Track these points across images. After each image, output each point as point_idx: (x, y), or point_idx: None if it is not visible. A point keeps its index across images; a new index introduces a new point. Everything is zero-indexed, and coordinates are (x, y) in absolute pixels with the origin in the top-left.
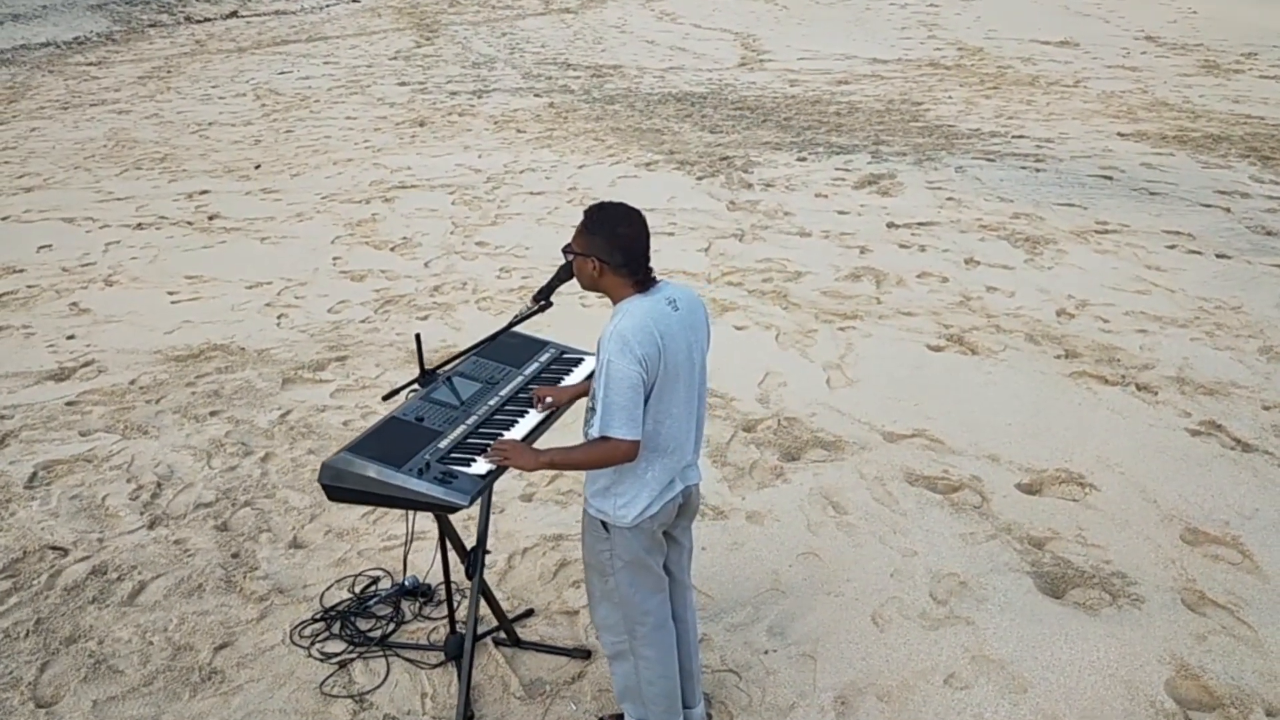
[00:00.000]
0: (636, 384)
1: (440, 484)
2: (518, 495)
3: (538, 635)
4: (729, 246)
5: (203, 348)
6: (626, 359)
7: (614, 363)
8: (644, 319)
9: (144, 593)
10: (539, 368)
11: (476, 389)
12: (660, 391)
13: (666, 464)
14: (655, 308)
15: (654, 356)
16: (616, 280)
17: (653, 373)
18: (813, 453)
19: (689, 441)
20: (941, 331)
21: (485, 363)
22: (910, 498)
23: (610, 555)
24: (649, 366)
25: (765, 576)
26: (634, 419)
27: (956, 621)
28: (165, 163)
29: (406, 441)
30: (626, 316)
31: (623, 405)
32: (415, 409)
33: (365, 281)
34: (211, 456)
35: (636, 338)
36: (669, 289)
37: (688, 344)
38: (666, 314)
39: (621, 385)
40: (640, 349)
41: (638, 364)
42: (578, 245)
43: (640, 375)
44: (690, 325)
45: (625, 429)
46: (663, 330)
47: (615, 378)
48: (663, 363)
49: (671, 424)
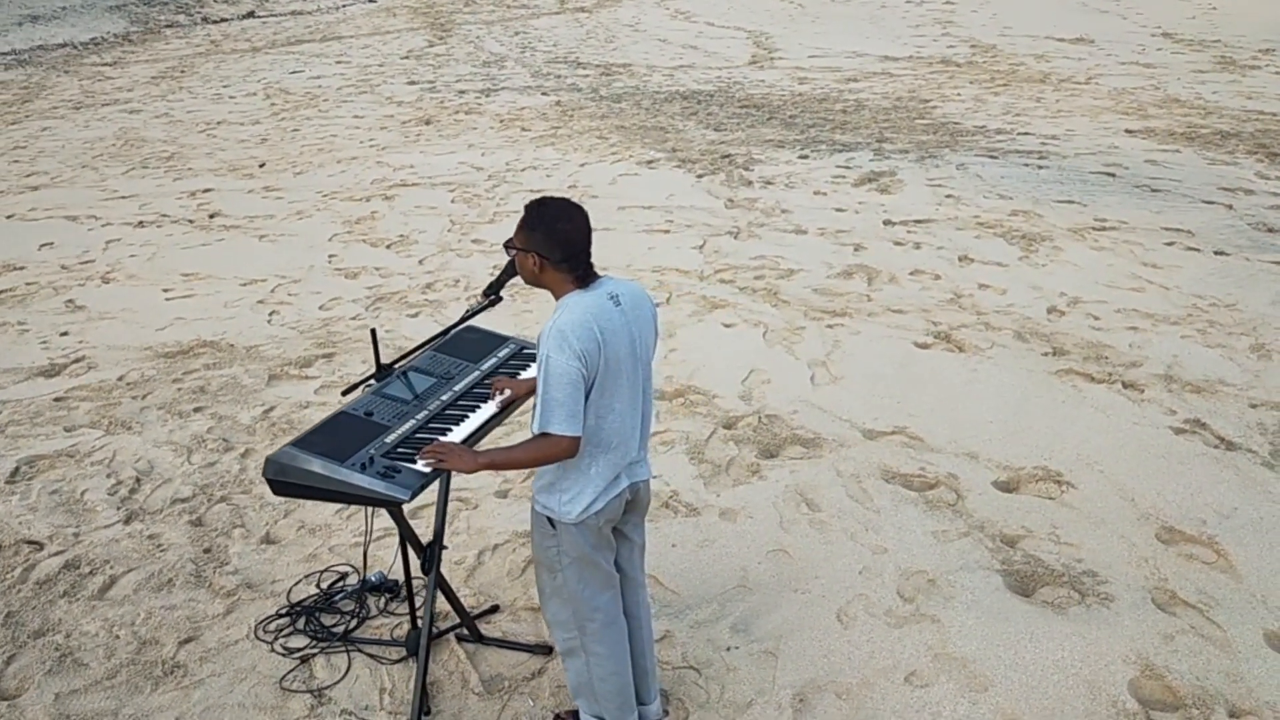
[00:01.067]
0: (575, 380)
1: (382, 479)
2: (493, 491)
3: (501, 631)
4: (723, 244)
5: (193, 344)
6: (565, 354)
7: (552, 358)
8: (584, 314)
9: (114, 587)
10: (497, 363)
11: (431, 384)
12: (602, 387)
13: (610, 460)
14: (596, 303)
15: (594, 352)
16: (557, 276)
17: (593, 368)
18: (791, 450)
19: (634, 438)
20: (930, 329)
21: (443, 358)
22: (885, 495)
23: (557, 551)
24: (588, 362)
25: (733, 574)
26: (573, 415)
27: (922, 619)
28: (171, 161)
29: (353, 436)
30: (566, 311)
31: (561, 401)
32: (366, 404)
33: (359, 279)
34: (192, 452)
35: (575, 333)
36: (612, 284)
37: (631, 340)
38: (608, 309)
39: (560, 381)
40: (579, 344)
41: (577, 359)
42: (518, 241)
43: (579, 371)
44: (634, 321)
45: (564, 425)
46: (603, 326)
47: (554, 373)
48: (603, 358)
49: (614, 420)
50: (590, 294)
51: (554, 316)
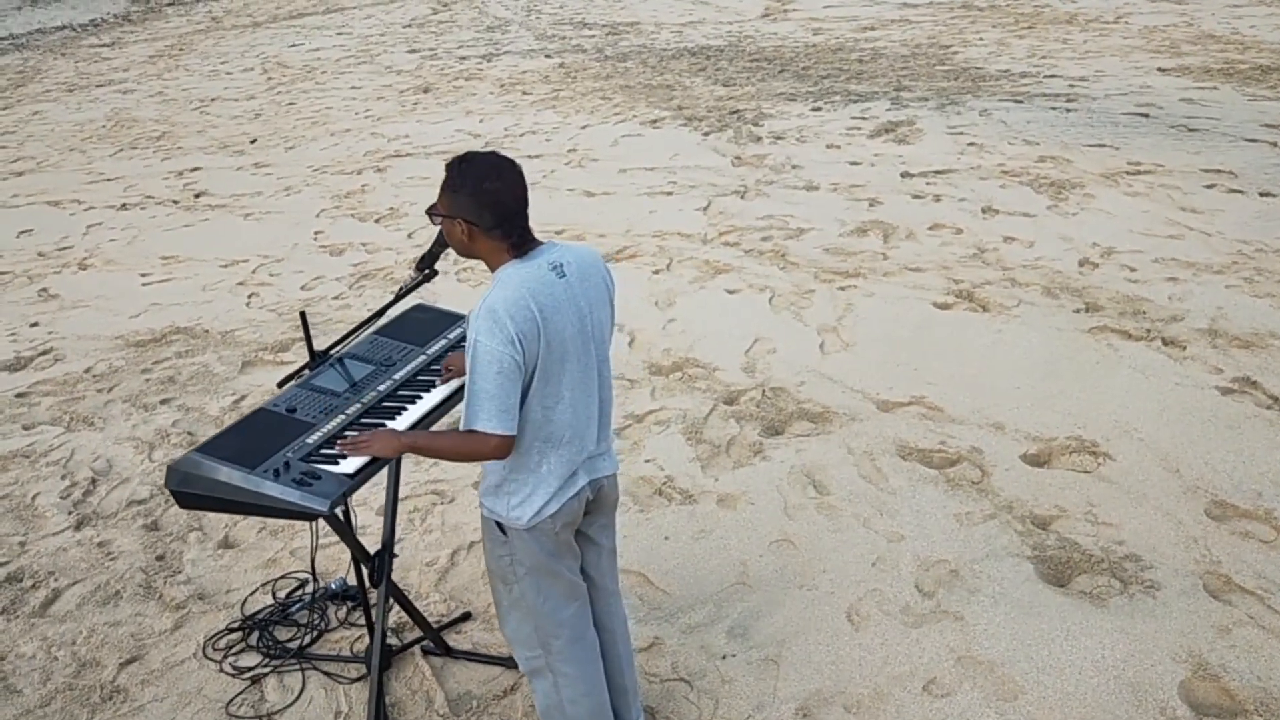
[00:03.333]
0: (509, 368)
1: (297, 487)
2: (471, 483)
3: (472, 643)
4: (729, 204)
5: (165, 331)
6: (495, 338)
7: (481, 343)
8: (518, 290)
9: (57, 602)
10: (446, 345)
11: (368, 372)
12: (545, 374)
13: (564, 455)
14: (534, 275)
15: (531, 334)
16: (489, 244)
17: (531, 353)
18: (797, 426)
19: (590, 429)
20: (950, 287)
21: (386, 342)
22: (901, 474)
23: (511, 561)
24: (525, 346)
25: (732, 569)
26: (505, 410)
27: (943, 617)
28: (161, 141)
29: (270, 437)
30: (499, 288)
31: (490, 393)
32: (290, 398)
33: (344, 255)
34: (154, 449)
35: (509, 312)
36: (556, 251)
37: (579, 316)
38: (548, 282)
39: (488, 370)
40: (513, 325)
41: (509, 344)
42: (442, 206)
43: (512, 358)
44: (583, 294)
45: (492, 421)
46: (542, 303)
47: (482, 361)
48: (543, 341)
49: (564, 410)
50: (527, 265)
51: (487, 294)
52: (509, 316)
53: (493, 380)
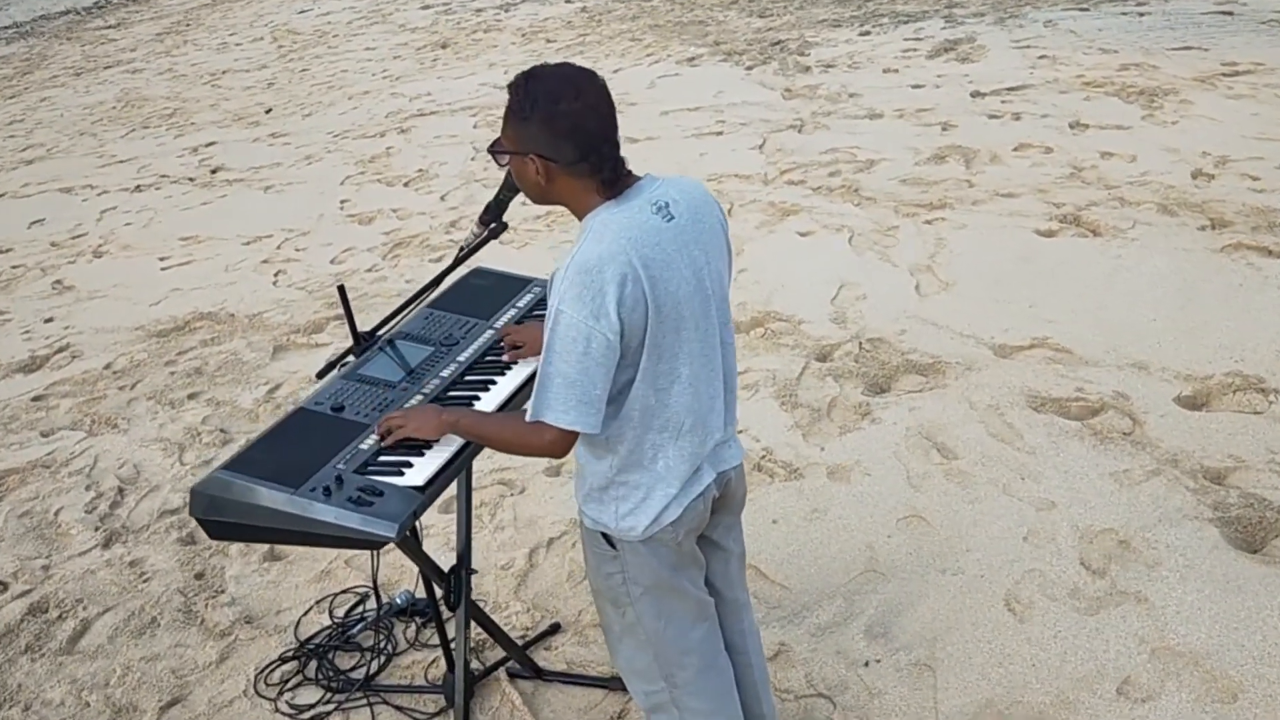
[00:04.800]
0: (599, 349)
1: (355, 508)
2: (542, 469)
3: (565, 661)
4: (787, 140)
5: (189, 318)
6: (584, 308)
7: (566, 314)
8: (616, 241)
9: (87, 634)
10: (517, 316)
11: (426, 354)
12: (657, 348)
13: (685, 448)
14: (634, 220)
15: (635, 300)
16: (573, 184)
17: (635, 325)
18: (906, 381)
19: (714, 412)
20: (1052, 212)
21: (442, 316)
22: (1037, 429)
23: (623, 580)
24: (626, 317)
25: (857, 554)
26: (585, 400)
27: (1123, 599)
28: (174, 118)
29: (314, 445)
30: (591, 240)
31: (570, 379)
32: (333, 392)
33: (374, 224)
34: (184, 450)
35: (604, 272)
36: (657, 187)
37: (694, 270)
38: (654, 229)
39: (571, 349)
40: (611, 290)
41: (602, 316)
42: (507, 140)
43: (605, 335)
44: (696, 240)
45: (570, 413)
46: (648, 257)
47: (564, 337)
48: (651, 306)
49: (682, 390)
50: (625, 207)
51: (574, 248)
52: (605, 278)
53: (575, 362)
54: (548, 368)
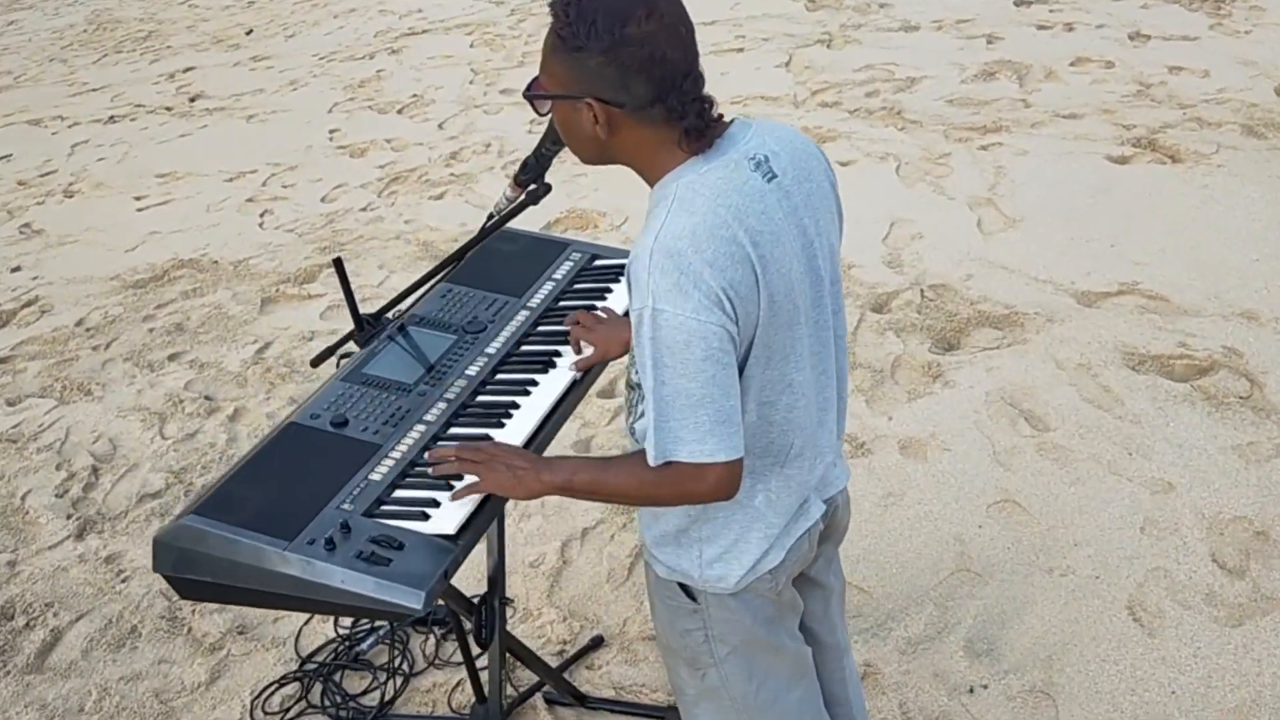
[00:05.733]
0: (719, 348)
1: (369, 568)
2: (570, 442)
3: (611, 684)
4: (815, 56)
5: (168, 266)
6: (688, 302)
7: (666, 314)
8: (715, 210)
9: (59, 647)
10: (555, 290)
11: (448, 344)
12: (767, 349)
13: (791, 476)
14: (731, 182)
15: (745, 286)
16: (645, 136)
17: (747, 318)
18: (978, 335)
19: (826, 426)
20: (1123, 135)
21: (463, 293)
22: (1139, 392)
23: (705, 638)
24: (739, 308)
25: (945, 548)
26: (723, 418)
27: (1271, 606)
28: (148, 41)
29: (311, 477)
30: (678, 211)
31: (696, 396)
32: (333, 401)
33: (367, 156)
34: (165, 421)
35: (704, 253)
36: (751, 136)
37: (805, 243)
38: (755, 192)
39: (686, 357)
40: (715, 276)
41: (714, 307)
42: (552, 79)
43: (724, 329)
44: (805, 204)
45: (708, 441)
46: (754, 229)
47: (673, 344)
48: (763, 294)
49: (792, 403)
50: (717, 164)
51: (651, 224)
52: (706, 261)
53: (695, 373)
54: (661, 389)
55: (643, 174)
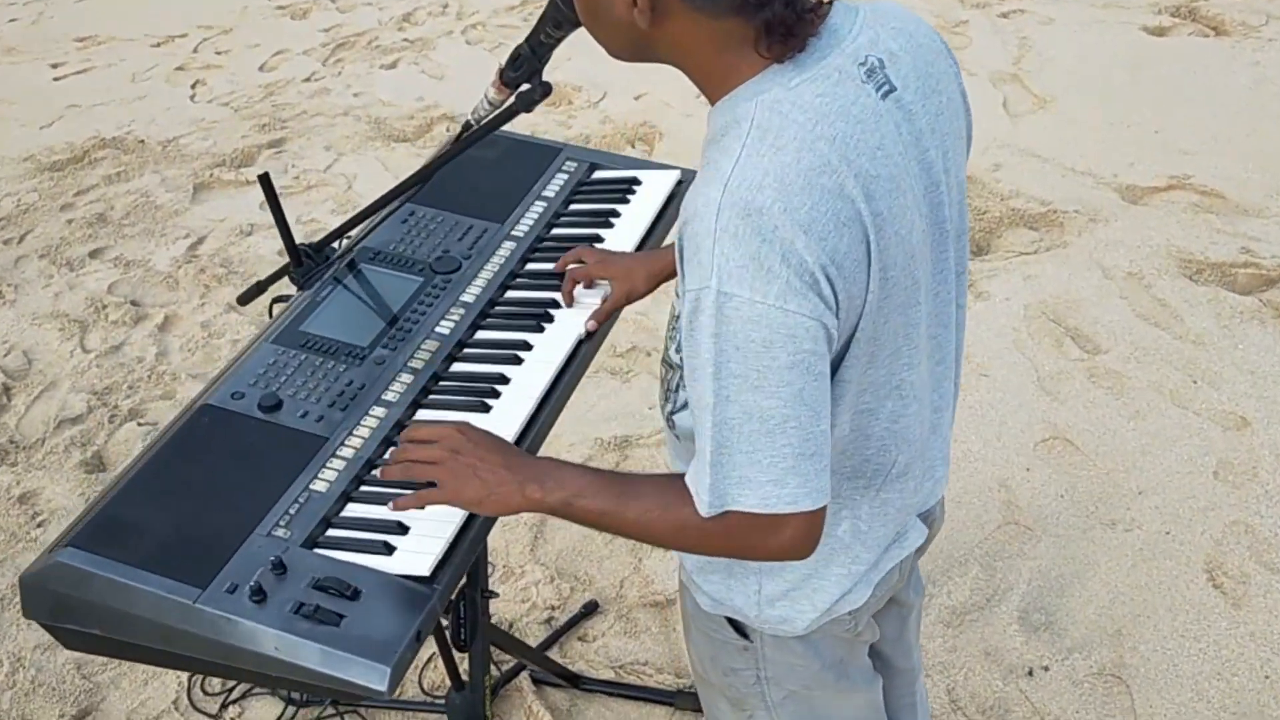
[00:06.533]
0: (810, 353)
1: (311, 627)
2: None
3: (608, 660)
4: None
5: (89, 145)
6: (772, 279)
7: (735, 298)
8: (811, 148)
9: None
10: (547, 213)
11: (413, 289)
12: (873, 342)
13: (891, 501)
14: (838, 102)
15: (855, 258)
16: (705, 31)
17: (852, 302)
18: (1013, 237)
19: (940, 432)
20: (1159, 2)
21: (430, 217)
22: (1201, 308)
23: (758, 679)
24: (840, 291)
25: (990, 495)
26: (807, 449)
27: None
28: None
29: (234, 486)
30: (760, 148)
31: (770, 417)
32: (263, 370)
33: (310, 18)
34: (87, 330)
35: (801, 209)
36: (857, 27)
37: (928, 183)
38: (870, 114)
39: (759, 360)
40: (810, 247)
41: (806, 291)
42: None
43: (822, 319)
44: (932, 128)
45: (783, 483)
46: (869, 170)
47: (741, 344)
48: (875, 267)
49: (899, 410)
50: (816, 74)
51: (716, 163)
52: (799, 223)
53: (777, 387)
54: (723, 409)
55: (700, 84)
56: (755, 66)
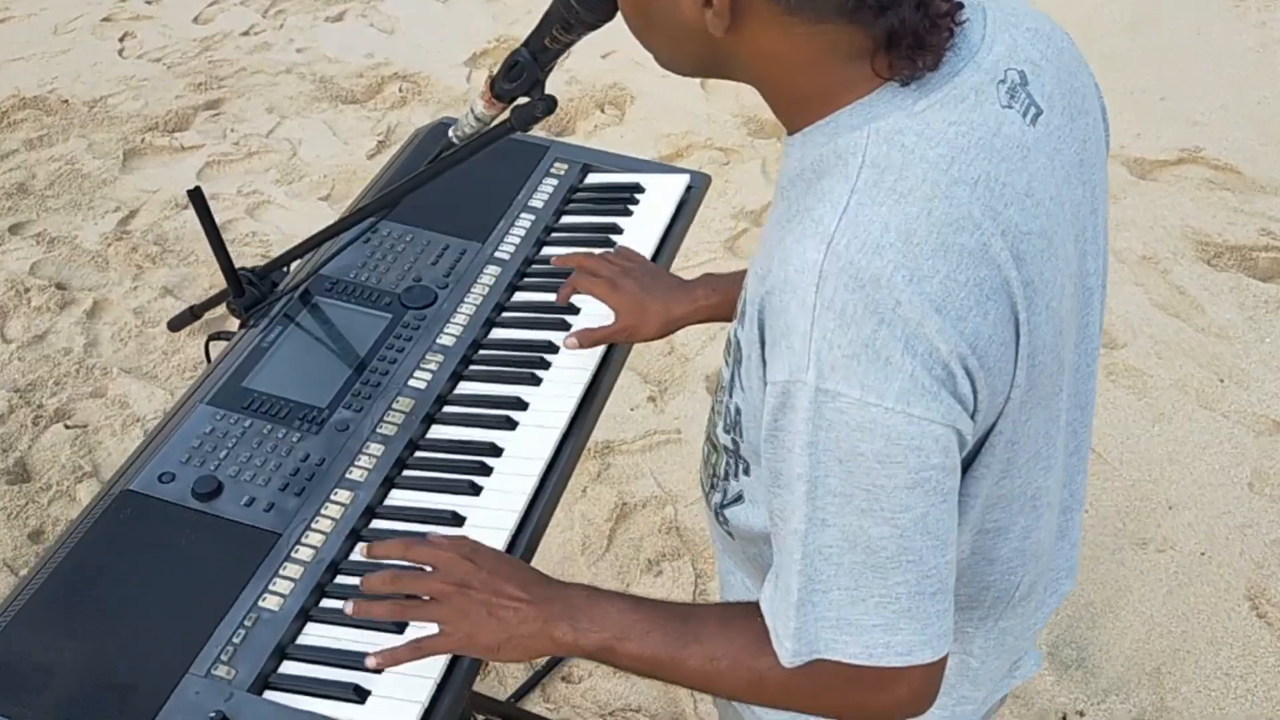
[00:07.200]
0: (946, 465)
1: None
2: None
3: (595, 703)
4: None
5: (8, 106)
6: (891, 375)
7: (843, 400)
8: (947, 196)
9: None
10: (536, 228)
11: (380, 329)
12: (1009, 447)
13: (1010, 629)
14: (976, 135)
15: (1000, 341)
16: (801, 40)
17: (993, 401)
18: None
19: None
20: None
21: (397, 236)
22: (1223, 297)
23: None
24: (981, 387)
25: None
26: (934, 591)
27: None
28: None
29: (161, 603)
30: (876, 194)
31: (888, 553)
32: (198, 442)
33: None
34: (7, 316)
35: (929, 285)
36: (989, 30)
37: (1077, 231)
38: (1016, 150)
39: (875, 485)
40: (953, 331)
41: (942, 390)
42: None
43: (953, 434)
44: (1078, 161)
45: (903, 633)
46: (1019, 225)
47: (847, 457)
48: (1024, 352)
49: (1033, 521)
50: (944, 95)
51: (812, 213)
52: (931, 299)
53: (894, 512)
54: (819, 534)
55: (781, 106)
56: (864, 86)
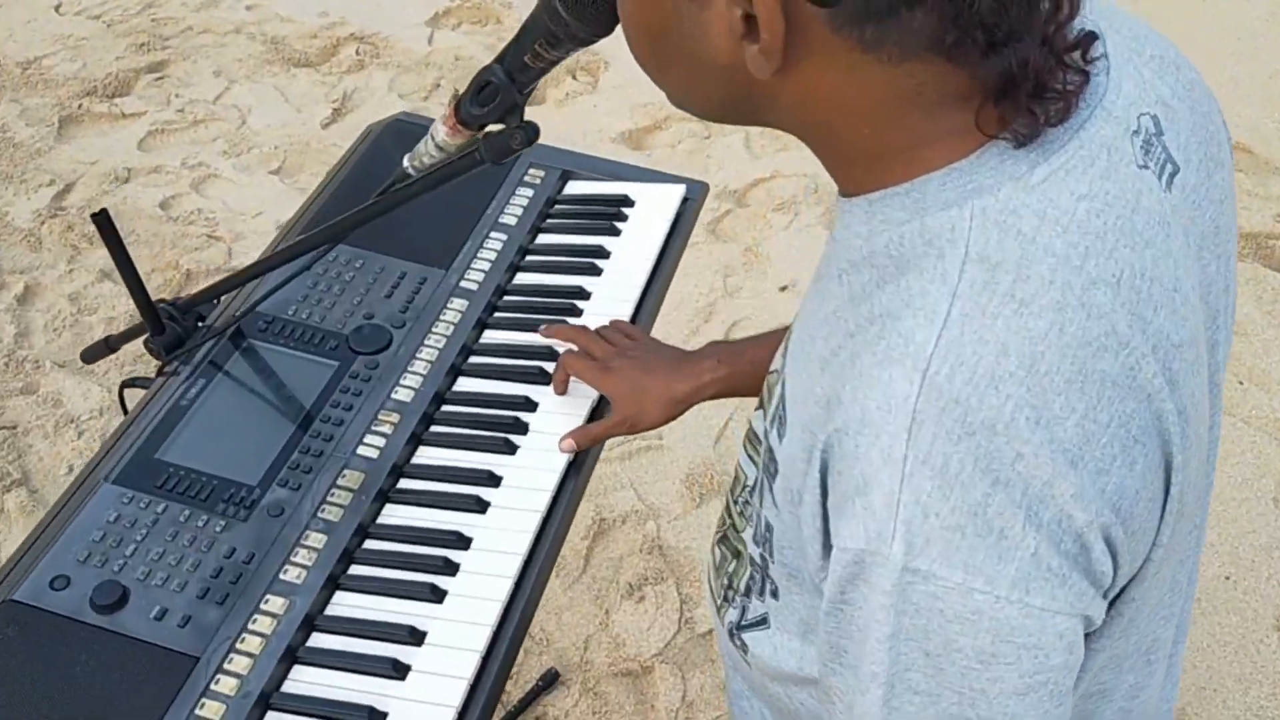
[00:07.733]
0: (1067, 663)
1: None
2: None
3: None
4: None
5: None
6: (1006, 563)
7: (939, 583)
8: (1084, 301)
9: None
10: (510, 251)
11: (325, 380)
12: (1133, 604)
13: None
14: (1113, 211)
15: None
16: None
17: (1133, 565)
18: None
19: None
20: None
21: (349, 259)
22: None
23: None
24: (1122, 554)
25: None
26: None
27: None
28: None
29: None
30: (991, 306)
31: None
32: (99, 534)
33: None
34: None
35: (1062, 432)
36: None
37: (1208, 315)
38: (1158, 225)
39: (975, 688)
40: (1092, 495)
41: (1074, 572)
42: None
43: (1077, 625)
44: (1214, 231)
45: None
46: (1171, 335)
47: (940, 653)
48: (1174, 499)
49: (1144, 679)
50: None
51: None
52: (1063, 452)
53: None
54: None
55: (839, 163)
56: (960, 144)
